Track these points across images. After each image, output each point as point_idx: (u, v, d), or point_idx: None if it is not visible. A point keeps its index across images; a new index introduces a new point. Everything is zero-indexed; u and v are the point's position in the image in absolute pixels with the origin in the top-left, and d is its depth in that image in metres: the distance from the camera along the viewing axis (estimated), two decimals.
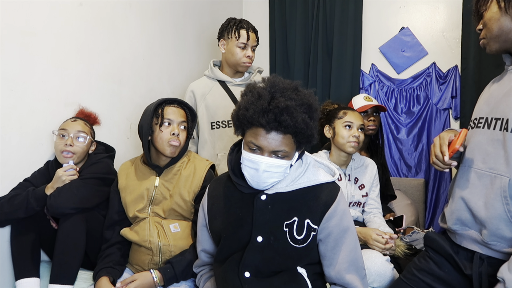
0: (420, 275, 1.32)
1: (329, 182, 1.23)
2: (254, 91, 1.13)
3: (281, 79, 1.16)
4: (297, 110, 1.09)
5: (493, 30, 1.20)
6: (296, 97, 1.11)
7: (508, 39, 1.18)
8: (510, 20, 1.16)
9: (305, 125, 1.10)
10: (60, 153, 1.61)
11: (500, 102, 1.19)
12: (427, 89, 2.96)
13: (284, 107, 1.07)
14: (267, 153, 1.13)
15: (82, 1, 1.83)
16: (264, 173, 1.14)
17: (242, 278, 1.18)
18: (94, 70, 1.91)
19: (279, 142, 1.11)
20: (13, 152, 1.57)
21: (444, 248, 1.28)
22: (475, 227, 1.19)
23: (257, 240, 1.18)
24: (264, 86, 1.14)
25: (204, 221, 1.33)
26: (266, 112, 1.08)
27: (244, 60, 2.05)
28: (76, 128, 1.64)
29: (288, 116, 1.08)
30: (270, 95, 1.10)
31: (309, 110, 1.12)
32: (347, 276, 1.18)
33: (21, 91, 1.58)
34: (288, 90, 1.12)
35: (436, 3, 2.91)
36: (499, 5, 1.17)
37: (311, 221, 1.18)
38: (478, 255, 1.20)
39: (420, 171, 3.02)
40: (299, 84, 1.17)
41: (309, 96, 1.14)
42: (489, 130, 1.19)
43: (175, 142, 1.52)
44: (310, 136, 1.14)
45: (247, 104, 1.12)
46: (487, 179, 1.17)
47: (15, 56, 1.55)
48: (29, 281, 1.52)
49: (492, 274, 1.17)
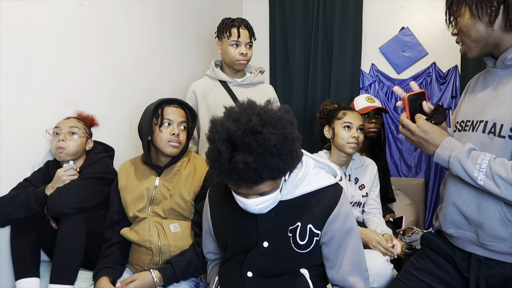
0: (418, 274, 1.31)
1: (331, 185, 1.19)
2: (215, 145, 1.00)
3: (245, 110, 1.01)
4: (261, 161, 0.96)
5: (471, 36, 1.17)
6: (257, 144, 0.95)
7: (488, 43, 1.16)
8: (485, 26, 1.14)
9: (276, 170, 0.99)
10: (55, 150, 1.62)
11: (487, 106, 1.18)
12: (427, 89, 2.96)
13: (243, 167, 0.95)
14: (251, 196, 1.08)
15: (82, 1, 1.83)
16: (255, 209, 1.10)
17: (245, 277, 1.18)
18: (94, 70, 1.91)
19: (256, 189, 1.04)
20: (13, 152, 1.57)
21: (442, 248, 1.28)
22: (470, 229, 1.19)
23: (263, 246, 1.18)
24: (222, 135, 0.98)
25: (208, 227, 1.33)
26: (229, 172, 0.98)
27: (238, 58, 2.05)
28: (69, 124, 1.65)
29: (252, 172, 0.96)
30: (228, 150, 0.97)
31: (277, 149, 0.97)
32: (350, 279, 1.18)
33: (21, 91, 1.58)
34: (248, 136, 0.96)
35: (436, 3, 2.91)
36: (472, 13, 1.15)
37: (313, 226, 1.16)
38: (475, 257, 1.19)
39: (420, 171, 3.02)
40: (265, 113, 1.01)
41: (274, 132, 0.97)
42: (475, 133, 1.17)
43: (175, 143, 1.52)
44: (289, 167, 1.03)
45: (211, 161, 1.01)
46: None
47: (15, 56, 1.55)
48: (29, 281, 1.52)
49: (489, 275, 1.17)
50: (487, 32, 1.15)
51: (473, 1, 1.14)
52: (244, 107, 1.03)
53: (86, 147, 1.71)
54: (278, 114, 1.01)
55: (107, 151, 1.79)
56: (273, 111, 1.03)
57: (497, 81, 1.19)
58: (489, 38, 1.15)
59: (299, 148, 1.05)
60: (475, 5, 1.14)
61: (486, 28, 1.14)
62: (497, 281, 1.17)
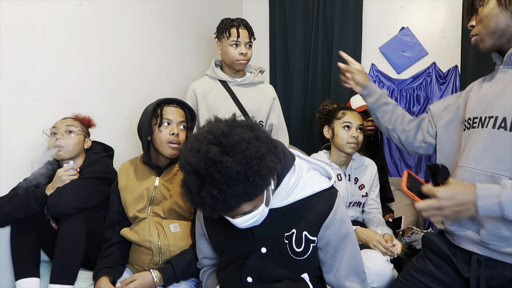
0: (418, 276, 1.31)
1: (325, 189, 1.15)
2: (184, 181, 0.98)
3: (205, 137, 0.96)
4: (227, 191, 0.92)
5: (490, 27, 1.18)
6: (219, 175, 0.91)
7: (504, 35, 1.17)
8: (507, 17, 1.15)
9: (246, 194, 0.94)
10: (53, 150, 1.62)
11: (494, 101, 1.18)
12: (427, 89, 2.96)
13: (211, 200, 0.93)
14: (236, 216, 1.04)
15: (82, 1, 1.83)
16: (244, 225, 1.07)
17: (245, 283, 1.17)
18: (94, 70, 1.91)
19: (236, 212, 1.01)
20: (13, 152, 1.57)
21: (442, 250, 1.28)
22: (472, 228, 1.19)
23: (261, 251, 1.16)
24: (187, 168, 0.95)
25: (202, 230, 1.30)
26: (201, 205, 0.96)
27: (238, 58, 2.05)
28: (65, 123, 1.66)
29: (222, 203, 0.93)
30: (196, 183, 0.94)
31: (241, 175, 0.92)
32: (347, 283, 1.18)
33: (21, 91, 1.58)
34: (210, 166, 0.92)
35: (436, 3, 2.91)
36: (499, 1, 1.16)
37: (308, 233, 1.15)
38: (476, 257, 1.19)
39: (420, 171, 3.02)
40: (224, 138, 0.95)
41: (235, 158, 0.92)
42: (485, 129, 1.17)
43: (175, 143, 1.53)
44: (261, 186, 0.96)
45: (184, 193, 1.00)
46: (483, 178, 1.15)
47: (15, 56, 1.55)
48: (29, 281, 1.52)
49: (490, 277, 1.17)
50: (506, 24, 1.16)
51: None
52: (204, 134, 0.97)
53: (85, 145, 1.71)
54: (238, 135, 0.95)
55: (106, 151, 1.79)
56: (233, 133, 0.96)
57: (504, 77, 1.20)
58: (507, 30, 1.17)
59: (272, 159, 0.98)
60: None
61: (506, 19, 1.15)
62: (498, 284, 1.16)
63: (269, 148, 0.99)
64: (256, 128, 1.00)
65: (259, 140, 0.98)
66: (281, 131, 2.22)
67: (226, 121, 1.02)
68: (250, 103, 2.12)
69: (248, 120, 1.04)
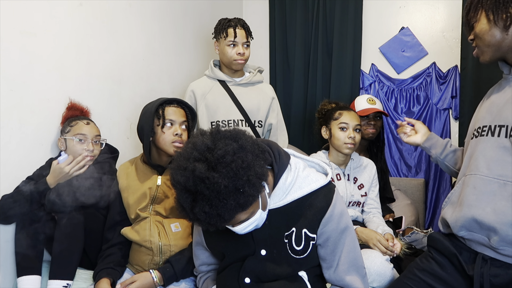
0: (421, 275, 1.31)
1: (323, 186, 1.16)
2: (177, 199, 1.00)
3: (191, 152, 0.96)
4: (219, 205, 0.93)
5: (485, 41, 1.22)
6: (209, 191, 0.92)
7: (501, 48, 1.21)
8: (500, 31, 1.19)
9: (238, 206, 0.95)
10: (83, 157, 1.57)
11: (503, 110, 1.20)
12: (427, 89, 2.96)
13: (205, 216, 0.95)
14: (235, 225, 1.05)
15: (82, 1, 1.83)
16: (244, 231, 1.07)
17: (242, 283, 1.17)
18: (94, 70, 1.91)
19: (232, 222, 1.02)
20: (13, 152, 1.57)
21: (448, 248, 1.28)
22: (481, 232, 1.19)
23: (261, 254, 1.17)
24: (177, 187, 0.97)
25: (200, 238, 1.30)
26: (196, 220, 0.98)
27: (236, 58, 2.05)
28: (94, 133, 1.68)
29: (216, 217, 0.95)
30: (188, 200, 0.96)
31: (230, 188, 0.93)
32: (347, 278, 1.18)
33: (21, 91, 1.58)
34: (199, 184, 0.92)
35: (436, 3, 2.91)
36: (488, 18, 1.20)
37: (308, 231, 1.15)
38: (481, 255, 1.20)
39: (420, 171, 3.02)
40: (209, 152, 0.95)
41: (221, 173, 0.92)
42: (493, 137, 1.20)
43: (179, 143, 1.53)
44: (253, 194, 0.97)
45: (179, 210, 1.01)
46: (495, 185, 1.17)
47: (15, 56, 1.55)
48: (31, 278, 1.51)
49: (494, 274, 1.17)
50: (502, 37, 1.19)
51: (489, 7, 1.19)
52: (190, 150, 0.97)
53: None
54: (222, 149, 0.95)
55: (111, 152, 1.80)
56: (218, 147, 0.96)
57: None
58: (503, 42, 1.20)
59: (260, 165, 0.99)
60: (491, 10, 1.18)
61: (501, 33, 1.19)
62: (502, 281, 1.17)
63: (256, 155, 1.00)
64: (240, 137, 1.00)
65: (244, 150, 0.98)
66: (280, 131, 2.22)
67: (211, 133, 1.02)
68: (249, 102, 2.12)
69: (232, 130, 1.04)
